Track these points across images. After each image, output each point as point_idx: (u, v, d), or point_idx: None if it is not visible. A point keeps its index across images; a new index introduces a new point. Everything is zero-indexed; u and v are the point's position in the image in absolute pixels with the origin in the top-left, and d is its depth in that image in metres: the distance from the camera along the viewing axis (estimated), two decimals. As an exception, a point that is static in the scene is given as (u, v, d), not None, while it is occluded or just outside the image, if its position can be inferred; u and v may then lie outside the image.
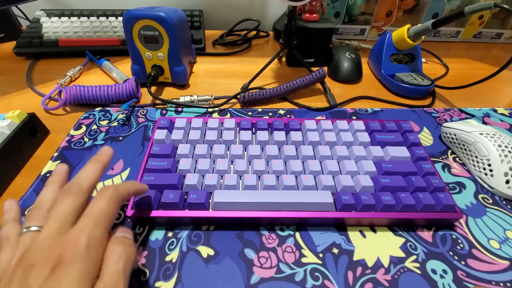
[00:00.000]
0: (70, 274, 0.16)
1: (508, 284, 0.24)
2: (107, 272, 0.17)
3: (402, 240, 0.27)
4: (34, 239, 0.18)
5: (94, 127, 0.39)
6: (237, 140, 0.34)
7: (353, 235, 0.27)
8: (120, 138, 0.37)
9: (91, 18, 0.57)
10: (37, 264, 0.16)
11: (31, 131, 0.35)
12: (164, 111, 0.42)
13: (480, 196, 0.31)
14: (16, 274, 0.16)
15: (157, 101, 0.44)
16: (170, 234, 0.27)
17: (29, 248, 0.18)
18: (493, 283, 0.24)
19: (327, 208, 0.27)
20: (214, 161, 0.31)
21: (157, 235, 0.27)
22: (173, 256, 0.25)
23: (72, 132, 0.38)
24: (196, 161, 0.31)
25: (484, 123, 0.42)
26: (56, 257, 0.16)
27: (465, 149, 0.35)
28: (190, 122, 0.36)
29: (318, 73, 0.45)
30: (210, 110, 0.42)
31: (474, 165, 0.33)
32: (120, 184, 0.22)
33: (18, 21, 0.60)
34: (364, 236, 0.27)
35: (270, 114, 0.42)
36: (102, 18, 0.57)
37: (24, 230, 0.20)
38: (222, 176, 0.29)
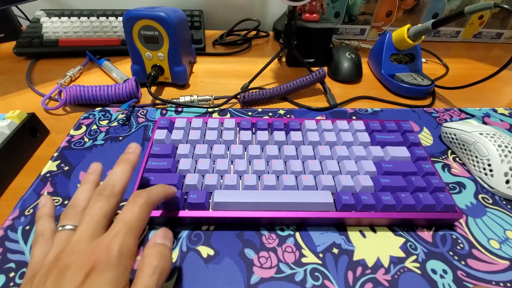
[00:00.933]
0: (102, 282, 0.16)
1: (508, 284, 0.24)
2: (140, 286, 0.17)
3: (402, 240, 0.27)
4: (68, 239, 0.19)
5: (94, 127, 0.39)
6: (237, 140, 0.34)
7: (353, 235, 0.27)
8: (120, 138, 0.37)
9: (91, 18, 0.57)
10: (71, 267, 0.17)
11: (31, 131, 0.35)
12: (164, 111, 0.42)
13: (480, 196, 0.31)
14: (52, 274, 0.17)
15: (157, 101, 0.44)
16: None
17: (64, 249, 0.18)
18: (493, 283, 0.24)
19: (327, 208, 0.27)
20: (214, 161, 0.31)
21: (157, 235, 0.27)
22: (173, 256, 0.25)
23: (72, 132, 0.38)
24: (196, 161, 0.31)
25: (484, 123, 0.42)
26: (90, 263, 0.17)
27: (465, 149, 0.35)
28: (190, 122, 0.36)
29: (318, 73, 0.45)
30: (210, 110, 0.42)
31: (474, 165, 0.33)
32: (152, 189, 0.22)
33: (18, 21, 0.61)
34: (364, 236, 0.27)
35: (270, 114, 0.42)
36: (102, 18, 0.57)
37: (60, 228, 0.20)
38: (222, 176, 0.29)
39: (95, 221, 0.19)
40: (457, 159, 0.36)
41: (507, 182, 0.30)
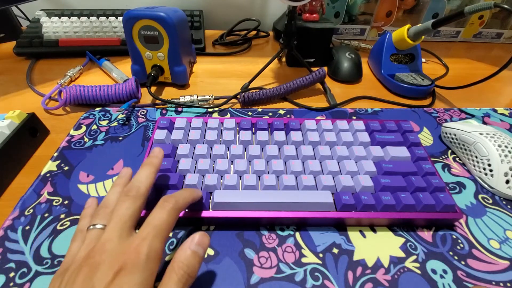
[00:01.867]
0: (132, 281, 0.17)
1: (508, 284, 0.24)
2: None
3: (402, 240, 0.27)
4: (98, 237, 0.20)
5: (94, 127, 0.39)
6: (237, 140, 0.34)
7: (353, 235, 0.27)
8: (120, 138, 0.37)
9: (91, 18, 0.57)
10: (101, 265, 0.18)
11: (31, 131, 0.35)
12: (164, 111, 0.42)
13: (480, 196, 0.31)
14: (82, 270, 0.18)
15: (157, 101, 0.44)
16: (170, 234, 0.27)
17: (95, 247, 0.19)
18: (493, 283, 0.24)
19: (327, 208, 0.27)
20: (214, 161, 0.31)
21: (157, 235, 0.27)
22: (173, 256, 0.25)
23: (72, 132, 0.38)
24: (196, 161, 0.31)
25: (484, 123, 0.42)
26: (120, 263, 0.17)
27: (465, 149, 0.35)
28: (190, 122, 0.36)
29: (318, 73, 0.45)
30: (210, 110, 0.42)
31: (474, 165, 0.33)
32: (179, 195, 0.23)
33: (18, 21, 0.61)
34: (364, 236, 0.27)
35: (270, 114, 0.42)
36: (102, 18, 0.57)
37: (91, 227, 0.21)
38: (222, 176, 0.29)
39: (123, 221, 0.20)
40: (457, 159, 0.36)
41: (507, 182, 0.30)
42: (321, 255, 0.26)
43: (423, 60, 0.59)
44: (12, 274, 0.24)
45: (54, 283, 0.19)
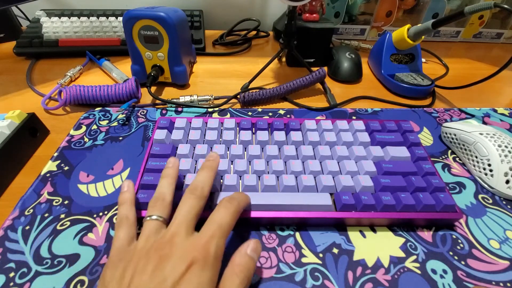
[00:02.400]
0: (202, 277, 0.18)
1: (508, 284, 0.24)
2: None
3: (402, 240, 0.27)
4: (159, 229, 0.21)
5: (94, 127, 0.39)
6: (237, 140, 0.34)
7: (353, 235, 0.27)
8: (120, 138, 0.37)
9: (91, 18, 0.57)
10: (172, 257, 0.18)
11: (31, 131, 0.35)
12: (164, 111, 0.42)
13: (480, 196, 0.31)
14: (152, 260, 0.18)
15: (157, 101, 0.44)
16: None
17: (162, 239, 0.20)
18: (493, 283, 0.24)
19: (327, 208, 0.27)
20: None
21: (157, 235, 0.27)
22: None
23: (72, 132, 0.38)
24: (196, 161, 0.31)
25: (484, 123, 0.42)
26: (191, 257, 0.18)
27: (465, 149, 0.34)
28: (190, 122, 0.36)
29: (318, 73, 0.45)
30: (210, 110, 0.42)
31: (474, 165, 0.33)
32: (240, 199, 0.24)
33: (18, 21, 0.61)
34: (364, 236, 0.27)
35: (270, 114, 0.42)
36: (102, 18, 0.57)
37: (148, 218, 0.22)
38: (222, 176, 0.29)
39: (189, 218, 0.21)
40: (457, 159, 0.36)
41: (507, 182, 0.30)
42: (321, 255, 0.26)
43: (423, 60, 0.59)
44: (12, 274, 0.24)
45: (112, 271, 0.19)
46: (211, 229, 0.20)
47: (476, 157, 0.33)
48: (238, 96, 0.44)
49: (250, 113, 0.42)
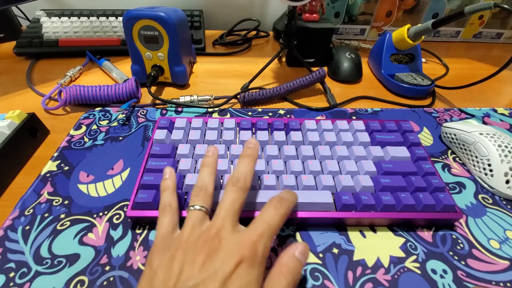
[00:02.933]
0: (250, 275, 0.18)
1: (508, 284, 0.24)
2: None
3: (402, 240, 0.27)
4: (202, 220, 0.21)
5: (94, 127, 0.39)
6: (237, 140, 0.34)
7: (353, 235, 0.27)
8: (120, 138, 0.37)
9: (91, 18, 0.57)
10: (221, 252, 0.19)
11: (31, 131, 0.35)
12: (164, 111, 0.42)
13: (480, 196, 0.31)
14: (202, 251, 0.19)
15: (157, 101, 0.44)
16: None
17: (210, 232, 0.20)
18: (493, 283, 0.24)
19: (327, 208, 0.27)
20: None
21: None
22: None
23: (72, 132, 0.38)
24: (196, 161, 0.31)
25: (484, 123, 0.42)
26: (240, 254, 0.18)
27: (465, 149, 0.34)
28: (190, 122, 0.36)
29: (318, 73, 0.45)
30: (210, 110, 0.42)
31: (474, 165, 0.33)
32: (291, 201, 0.23)
33: (18, 21, 0.61)
34: (364, 236, 0.27)
35: (270, 114, 0.42)
36: (102, 18, 0.57)
37: (191, 208, 0.22)
38: (222, 176, 0.29)
39: (233, 211, 0.21)
40: (457, 159, 0.36)
41: (507, 182, 0.30)
42: (321, 255, 0.26)
43: (423, 60, 0.59)
44: (12, 274, 0.24)
45: (159, 258, 0.20)
46: (260, 228, 0.20)
47: (476, 157, 0.33)
48: (238, 96, 0.44)
49: (250, 113, 0.42)
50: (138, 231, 0.27)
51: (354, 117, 0.42)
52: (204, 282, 0.17)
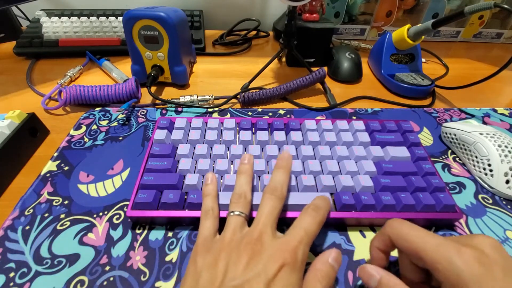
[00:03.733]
0: (292, 279, 0.18)
1: (508, 284, 0.24)
2: None
3: (402, 240, 0.27)
4: (242, 225, 0.22)
5: (94, 127, 0.39)
6: (237, 140, 0.34)
7: (353, 235, 0.27)
8: (120, 138, 0.37)
9: (91, 18, 0.57)
10: (263, 255, 0.19)
11: (31, 131, 0.35)
12: (164, 111, 0.42)
13: (480, 196, 0.31)
14: (245, 253, 0.20)
15: (157, 101, 0.44)
16: (170, 234, 0.27)
17: (253, 237, 0.21)
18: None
19: (327, 208, 0.27)
20: (214, 161, 0.31)
21: (157, 235, 0.27)
22: (173, 256, 0.25)
23: (72, 132, 0.38)
24: (196, 161, 0.31)
25: (484, 123, 0.42)
26: (282, 259, 0.19)
27: (465, 149, 0.34)
28: (190, 122, 0.36)
29: (318, 73, 0.45)
30: (210, 110, 0.42)
31: (474, 165, 0.33)
32: (326, 209, 0.24)
33: (18, 21, 0.61)
34: (364, 236, 0.27)
35: (270, 114, 0.42)
36: (102, 18, 0.57)
37: (231, 213, 0.23)
38: (222, 176, 0.29)
39: (273, 218, 0.22)
40: (457, 159, 0.36)
41: (507, 182, 0.30)
42: (321, 255, 0.26)
43: (423, 60, 0.59)
44: (12, 274, 0.24)
45: (203, 258, 0.21)
46: (299, 234, 0.21)
47: (476, 157, 0.33)
48: (238, 96, 0.44)
49: (250, 113, 0.42)
50: (138, 231, 0.27)
51: (354, 117, 0.42)
52: (249, 282, 0.18)
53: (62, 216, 0.28)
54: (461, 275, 0.17)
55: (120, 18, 0.58)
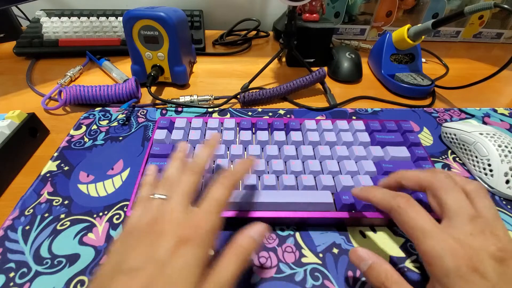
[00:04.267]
0: (193, 254, 0.18)
1: (508, 284, 0.24)
2: (223, 268, 0.18)
3: (402, 240, 0.27)
4: (159, 206, 0.21)
5: (94, 127, 0.39)
6: (237, 140, 0.34)
7: (353, 235, 0.27)
8: (120, 138, 0.37)
9: (91, 18, 0.57)
10: (166, 234, 0.19)
11: (31, 131, 0.35)
12: (164, 111, 0.42)
13: (480, 196, 0.31)
14: (147, 236, 0.19)
15: (157, 101, 0.44)
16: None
17: (161, 216, 0.20)
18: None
19: (327, 208, 0.27)
20: (214, 161, 0.31)
21: (157, 235, 0.27)
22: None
23: (72, 132, 0.38)
24: (196, 161, 0.31)
25: (484, 123, 0.42)
26: (184, 234, 0.18)
27: (465, 149, 0.34)
28: (190, 122, 0.36)
29: (318, 73, 0.45)
30: (210, 110, 0.42)
31: (474, 165, 0.33)
32: (235, 171, 0.24)
33: (18, 21, 0.61)
34: (364, 236, 0.27)
35: (270, 114, 0.42)
36: (102, 18, 0.57)
37: (151, 196, 0.22)
38: (222, 176, 0.29)
39: (185, 193, 0.21)
40: (457, 159, 0.36)
41: (507, 182, 0.30)
42: (321, 255, 0.26)
43: (423, 60, 0.59)
44: (12, 274, 0.24)
45: (116, 245, 0.20)
46: (206, 205, 0.20)
47: (476, 157, 0.33)
48: (238, 96, 0.44)
49: (250, 113, 0.42)
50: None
51: (354, 117, 0.42)
52: (144, 266, 0.17)
53: (62, 216, 0.28)
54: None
55: (120, 18, 0.58)
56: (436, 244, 0.18)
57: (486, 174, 0.32)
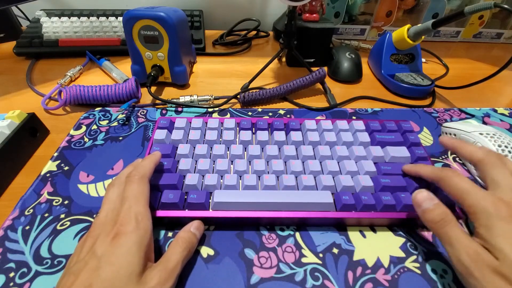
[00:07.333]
0: (127, 241, 0.20)
1: (508, 284, 0.24)
2: (170, 254, 0.22)
3: (402, 240, 0.27)
4: (96, 218, 0.24)
5: (94, 127, 0.39)
6: (237, 140, 0.34)
7: (353, 235, 0.27)
8: (120, 138, 0.37)
9: (91, 18, 0.57)
10: (100, 235, 0.21)
11: (31, 131, 0.35)
12: (164, 111, 0.42)
13: (480, 196, 0.31)
14: (86, 242, 0.21)
15: (157, 101, 0.44)
16: (170, 234, 0.27)
17: (94, 224, 0.23)
18: (493, 283, 0.24)
19: (327, 208, 0.27)
20: (214, 161, 0.31)
21: (157, 235, 0.27)
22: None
23: (72, 132, 0.38)
24: (196, 161, 0.31)
25: (484, 123, 0.42)
26: (115, 230, 0.21)
27: (465, 149, 0.34)
28: (190, 122, 0.36)
29: (318, 73, 0.45)
30: (210, 110, 0.42)
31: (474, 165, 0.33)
32: (140, 165, 0.26)
33: (18, 21, 0.60)
34: (364, 236, 0.27)
35: (270, 114, 0.42)
36: (102, 18, 0.57)
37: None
38: (222, 176, 0.29)
39: (111, 201, 0.24)
40: (457, 159, 0.36)
41: (507, 182, 0.30)
42: (321, 255, 0.26)
43: (423, 60, 0.59)
44: (12, 274, 0.24)
45: (74, 254, 0.22)
46: (124, 204, 0.23)
47: (476, 157, 0.33)
48: (238, 96, 0.44)
49: (250, 113, 0.42)
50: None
51: (354, 117, 0.42)
52: (86, 261, 0.20)
53: (62, 216, 0.28)
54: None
55: (120, 18, 0.58)
56: (480, 198, 0.21)
57: (486, 174, 0.32)
